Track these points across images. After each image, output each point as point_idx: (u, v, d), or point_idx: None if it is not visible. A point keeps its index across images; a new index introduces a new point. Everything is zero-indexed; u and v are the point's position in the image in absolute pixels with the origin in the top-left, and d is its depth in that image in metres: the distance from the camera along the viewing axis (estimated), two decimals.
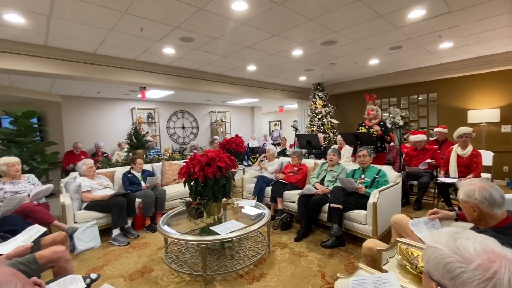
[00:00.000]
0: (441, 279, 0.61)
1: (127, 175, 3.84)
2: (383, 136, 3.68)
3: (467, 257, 0.58)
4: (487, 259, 0.57)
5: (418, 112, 6.65)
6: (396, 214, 2.24)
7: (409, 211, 3.87)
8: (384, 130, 3.71)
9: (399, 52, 4.79)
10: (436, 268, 0.63)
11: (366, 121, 3.92)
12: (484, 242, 0.61)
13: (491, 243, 0.61)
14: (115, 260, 2.73)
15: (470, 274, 0.56)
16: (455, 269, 0.59)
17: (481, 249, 0.59)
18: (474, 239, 0.61)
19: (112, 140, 7.48)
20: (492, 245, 0.60)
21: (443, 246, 0.63)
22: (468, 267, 0.57)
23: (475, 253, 0.58)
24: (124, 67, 4.61)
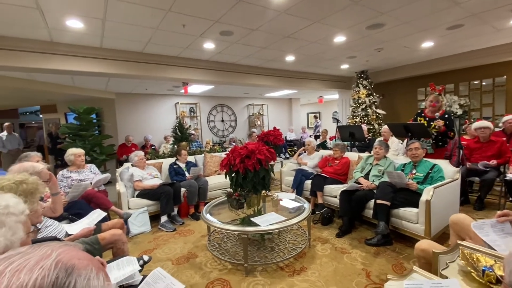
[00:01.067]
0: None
1: (173, 166, 4.09)
2: (446, 132, 3.25)
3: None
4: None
5: (481, 99, 5.85)
6: (454, 213, 2.01)
7: (468, 211, 3.46)
8: (448, 124, 3.24)
9: (458, 32, 4.22)
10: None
11: (427, 110, 3.50)
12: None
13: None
14: (164, 245, 2.94)
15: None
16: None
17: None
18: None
19: (159, 133, 8.02)
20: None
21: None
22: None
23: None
24: (168, 64, 4.85)
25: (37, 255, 0.31)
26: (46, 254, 0.31)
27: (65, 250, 0.33)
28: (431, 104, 3.42)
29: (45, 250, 0.32)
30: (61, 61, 3.94)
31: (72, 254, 0.32)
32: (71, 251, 0.33)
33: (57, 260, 0.31)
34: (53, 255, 0.31)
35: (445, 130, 3.25)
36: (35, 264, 0.30)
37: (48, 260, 0.31)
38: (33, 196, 1.32)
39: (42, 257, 0.31)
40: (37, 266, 0.30)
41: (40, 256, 0.31)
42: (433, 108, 3.42)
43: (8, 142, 6.83)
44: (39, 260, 0.30)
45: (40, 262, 0.30)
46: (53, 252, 0.32)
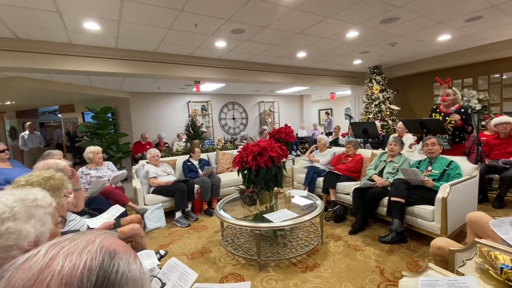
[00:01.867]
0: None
1: (186, 163, 4.17)
2: (463, 126, 3.14)
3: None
4: None
5: (502, 93, 5.63)
6: (471, 211, 1.97)
7: (487, 209, 3.36)
8: (465, 118, 3.14)
9: (477, 24, 4.07)
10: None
11: (442, 106, 3.42)
12: None
13: None
14: (179, 240, 3.02)
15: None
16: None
17: None
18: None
19: (172, 131, 8.17)
20: None
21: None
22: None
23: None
24: (180, 63, 4.93)
25: (84, 241, 0.35)
26: (91, 240, 0.35)
27: (106, 237, 0.36)
28: (442, 99, 3.34)
29: (90, 237, 0.36)
30: (78, 62, 4.09)
31: (112, 241, 0.36)
32: (111, 238, 0.36)
33: (101, 246, 0.34)
34: (97, 241, 0.35)
35: (462, 125, 3.15)
36: (83, 248, 0.34)
37: (94, 245, 0.34)
38: (60, 191, 1.40)
39: (88, 242, 0.35)
40: (86, 250, 0.33)
41: (87, 242, 0.35)
42: (445, 103, 3.33)
43: (30, 141, 7.16)
44: (86, 245, 0.34)
45: (87, 247, 0.34)
46: (97, 239, 0.36)
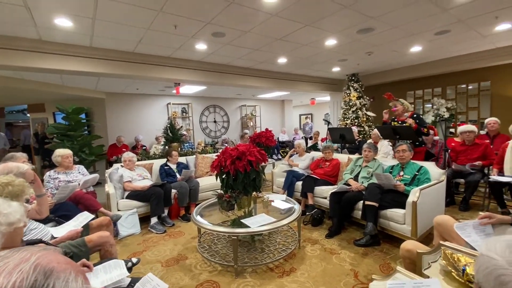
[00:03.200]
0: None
1: (163, 167, 4.06)
2: (419, 128, 3.45)
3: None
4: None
5: (467, 103, 6.03)
6: (439, 214, 2.07)
7: (454, 212, 3.56)
8: (418, 122, 3.50)
9: (446, 37, 4.34)
10: (487, 279, 0.58)
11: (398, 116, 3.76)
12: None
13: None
14: (153, 247, 2.91)
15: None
16: (507, 283, 0.54)
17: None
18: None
19: (150, 133, 7.94)
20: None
21: (498, 256, 0.57)
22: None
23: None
24: (160, 64, 4.82)
25: (16, 259, 0.31)
26: (25, 258, 0.32)
27: (44, 254, 0.33)
28: (392, 110, 3.80)
29: (24, 254, 0.32)
30: (49, 60, 3.87)
31: (50, 258, 0.33)
32: (50, 255, 0.33)
33: (36, 264, 0.31)
34: (32, 258, 0.32)
35: (418, 127, 3.46)
36: (14, 267, 0.30)
37: (27, 264, 0.31)
38: (19, 198, 1.30)
39: (21, 261, 0.31)
40: (16, 269, 0.30)
41: (19, 260, 0.31)
42: (397, 113, 3.77)
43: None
44: (18, 263, 0.31)
45: (19, 266, 0.31)
46: (32, 256, 0.32)
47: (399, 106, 3.75)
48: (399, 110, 3.74)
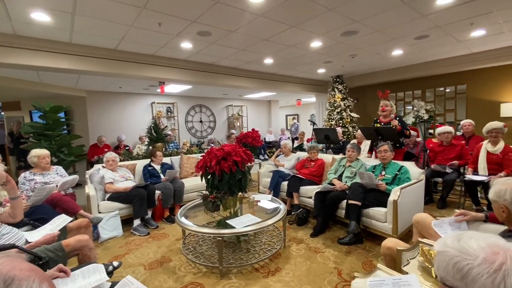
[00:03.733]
0: (454, 282, 0.61)
1: (147, 167, 3.97)
2: (402, 130, 3.51)
3: (472, 253, 0.59)
4: (492, 252, 0.57)
5: (445, 105, 6.30)
6: (418, 213, 2.14)
7: (432, 210, 3.70)
8: (401, 124, 3.54)
9: (425, 42, 4.52)
10: (447, 271, 0.63)
11: (381, 117, 3.77)
12: (487, 238, 0.62)
13: (494, 238, 0.62)
14: (136, 249, 2.84)
15: (477, 269, 0.57)
16: (463, 267, 0.59)
17: (485, 244, 0.60)
18: (477, 237, 0.63)
19: (133, 133, 7.75)
20: (495, 239, 0.61)
21: (450, 248, 0.63)
22: (474, 263, 0.58)
23: (479, 248, 0.59)
24: (143, 62, 4.71)
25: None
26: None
27: (6, 261, 0.31)
28: (381, 109, 3.69)
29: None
30: (25, 55, 3.69)
31: (12, 265, 0.31)
32: (12, 262, 0.31)
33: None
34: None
35: (401, 129, 3.49)
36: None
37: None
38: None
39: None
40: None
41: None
42: (384, 112, 3.68)
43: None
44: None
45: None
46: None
47: (389, 107, 3.71)
48: (388, 110, 3.69)
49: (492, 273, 0.55)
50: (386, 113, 3.69)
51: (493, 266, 0.56)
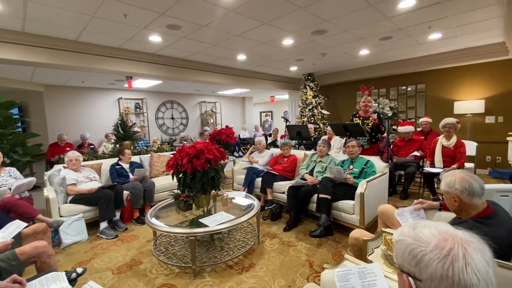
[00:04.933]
0: (410, 268, 0.65)
1: (114, 167, 3.76)
2: (379, 125, 3.67)
3: (425, 240, 0.64)
4: (442, 239, 0.62)
5: (407, 103, 6.74)
6: (383, 204, 2.28)
7: (395, 201, 3.97)
8: (379, 120, 3.68)
9: (389, 43, 4.78)
10: (404, 258, 0.67)
11: (360, 112, 3.89)
12: (438, 226, 0.67)
13: (445, 226, 0.68)
14: (103, 254, 2.69)
15: (430, 255, 0.61)
16: (417, 254, 0.63)
17: (436, 231, 0.65)
18: (430, 225, 0.68)
19: (99, 131, 7.30)
20: (445, 227, 0.67)
21: (406, 236, 0.68)
22: (427, 249, 0.62)
23: (431, 235, 0.64)
24: (108, 55, 4.44)
25: None
26: None
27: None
28: (365, 104, 3.80)
29: None
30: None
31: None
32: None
33: None
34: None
35: (378, 124, 3.66)
36: None
37: None
38: None
39: None
40: None
41: None
42: (367, 108, 3.81)
43: None
44: None
45: None
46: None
47: (371, 103, 3.82)
48: (369, 107, 3.78)
49: (442, 258, 0.59)
50: (367, 109, 3.79)
51: (443, 252, 0.60)
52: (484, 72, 5.47)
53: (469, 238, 0.63)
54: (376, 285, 1.07)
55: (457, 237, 0.62)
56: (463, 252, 0.59)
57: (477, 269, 0.57)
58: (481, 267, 0.58)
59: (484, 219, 1.33)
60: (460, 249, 0.59)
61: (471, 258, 0.58)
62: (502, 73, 5.29)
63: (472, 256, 0.58)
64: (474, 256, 0.59)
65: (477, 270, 0.57)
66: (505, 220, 1.35)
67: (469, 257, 0.58)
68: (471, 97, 5.59)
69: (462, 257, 0.58)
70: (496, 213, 1.35)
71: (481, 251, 0.60)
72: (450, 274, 0.57)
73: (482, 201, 1.37)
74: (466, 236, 0.63)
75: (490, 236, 1.28)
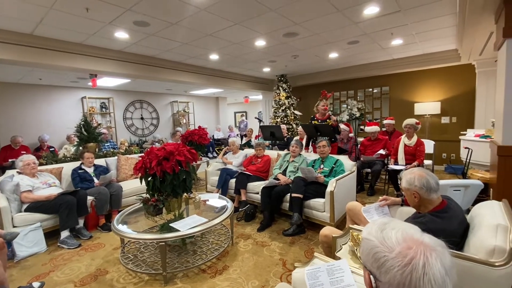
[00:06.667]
0: (372, 268, 0.66)
1: (77, 171, 3.51)
2: (337, 126, 3.89)
3: (390, 246, 0.64)
4: (406, 247, 0.62)
5: (373, 104, 7.12)
6: (351, 201, 2.38)
7: (363, 197, 4.17)
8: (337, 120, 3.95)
9: (356, 47, 5.01)
10: (368, 258, 0.68)
11: (318, 115, 4.09)
12: (405, 231, 0.66)
13: (412, 230, 0.67)
14: (64, 265, 2.50)
15: (391, 262, 0.61)
16: (380, 258, 0.64)
17: (402, 237, 0.64)
18: (398, 229, 0.67)
19: (60, 132, 6.78)
20: (412, 233, 0.66)
21: (373, 237, 0.68)
22: (390, 255, 0.62)
23: (396, 241, 0.64)
24: (69, 51, 4.13)
25: None
26: None
27: None
28: (325, 108, 4.02)
29: None
30: None
31: None
32: None
33: None
34: None
35: (337, 125, 3.91)
36: None
37: None
38: None
39: None
40: None
41: None
42: (324, 111, 4.03)
43: None
44: None
45: None
46: None
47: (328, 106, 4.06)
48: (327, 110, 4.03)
49: (402, 267, 0.60)
50: (325, 112, 4.00)
51: (405, 260, 0.60)
52: (440, 76, 5.95)
53: (433, 244, 0.63)
54: (344, 281, 1.11)
55: (422, 245, 0.62)
56: (423, 262, 0.59)
57: (434, 278, 0.58)
58: (438, 277, 0.58)
59: (440, 212, 1.44)
60: (422, 258, 0.60)
61: (430, 268, 0.59)
62: (455, 77, 5.79)
63: (432, 265, 0.59)
64: (434, 265, 0.59)
65: (434, 280, 0.58)
66: (457, 213, 1.47)
67: (428, 267, 0.59)
68: (429, 99, 6.06)
69: (421, 267, 0.59)
70: (449, 207, 1.47)
71: (442, 259, 0.61)
72: (407, 282, 0.59)
73: (437, 196, 1.48)
74: (431, 242, 0.64)
75: (444, 228, 1.39)
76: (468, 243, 1.36)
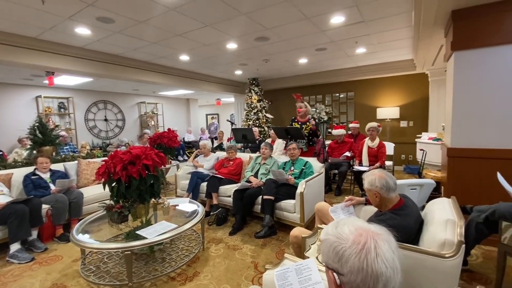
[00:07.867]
0: (334, 265, 0.71)
1: (30, 177, 3.20)
2: (316, 130, 4.00)
3: (345, 237, 0.71)
4: (358, 234, 0.70)
5: (339, 108, 7.48)
6: (320, 201, 2.47)
7: (331, 197, 4.34)
8: (316, 125, 4.05)
9: (324, 54, 5.23)
10: (329, 256, 0.73)
11: (298, 117, 4.19)
12: (354, 223, 0.75)
13: (360, 222, 0.76)
14: (14, 282, 2.25)
15: (349, 251, 0.68)
16: (339, 250, 0.69)
17: (353, 228, 0.72)
18: (348, 223, 0.75)
19: (10, 135, 6.13)
20: (360, 223, 0.75)
21: (330, 235, 0.74)
22: (346, 245, 0.69)
23: (349, 232, 0.71)
24: (21, 46, 3.77)
25: None
26: None
27: None
28: (298, 110, 4.16)
29: None
30: None
31: None
32: None
33: None
34: None
35: (316, 129, 4.05)
36: None
37: None
38: None
39: None
40: None
41: None
42: (299, 114, 4.15)
43: None
44: None
45: None
46: None
47: (303, 108, 4.16)
48: (302, 111, 4.12)
49: (358, 252, 0.67)
50: (301, 114, 4.10)
51: (359, 246, 0.67)
52: (399, 83, 6.44)
53: (379, 230, 0.71)
54: (311, 279, 1.15)
55: (370, 231, 0.70)
56: (374, 245, 0.67)
57: (385, 258, 0.66)
58: (389, 256, 0.66)
59: (398, 210, 1.56)
60: (372, 242, 0.67)
61: (380, 249, 0.66)
62: (411, 85, 6.31)
63: (381, 247, 0.67)
64: (383, 246, 0.67)
65: (385, 259, 0.65)
66: (413, 210, 1.60)
67: (379, 248, 0.66)
68: (389, 105, 6.52)
69: (373, 249, 0.66)
70: (406, 205, 1.59)
71: (388, 242, 0.69)
72: (365, 266, 0.65)
73: (396, 194, 1.60)
74: (377, 229, 0.72)
75: (402, 225, 1.50)
76: (422, 238, 1.48)
